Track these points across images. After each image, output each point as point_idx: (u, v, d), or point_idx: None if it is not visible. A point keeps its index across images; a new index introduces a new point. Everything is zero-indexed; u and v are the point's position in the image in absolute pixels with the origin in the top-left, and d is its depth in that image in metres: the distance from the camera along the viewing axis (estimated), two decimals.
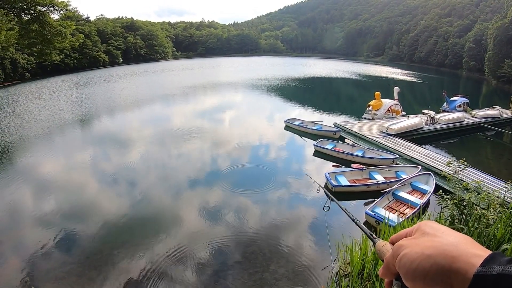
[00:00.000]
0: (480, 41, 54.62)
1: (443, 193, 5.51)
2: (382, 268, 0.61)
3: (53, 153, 14.77)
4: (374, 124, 16.71)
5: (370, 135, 14.75)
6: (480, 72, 52.43)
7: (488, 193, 5.29)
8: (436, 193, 6.28)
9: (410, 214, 7.77)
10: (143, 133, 17.73)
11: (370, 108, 19.08)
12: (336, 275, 6.00)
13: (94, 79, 47.00)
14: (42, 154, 14.57)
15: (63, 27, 21.05)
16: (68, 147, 15.65)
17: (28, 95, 33.45)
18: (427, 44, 75.65)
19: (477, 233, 4.63)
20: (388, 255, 0.59)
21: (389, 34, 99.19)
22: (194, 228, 7.98)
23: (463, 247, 0.49)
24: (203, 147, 14.81)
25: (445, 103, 21.98)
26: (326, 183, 10.11)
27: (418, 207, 8.13)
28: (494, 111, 19.53)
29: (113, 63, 72.98)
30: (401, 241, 0.57)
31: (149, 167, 12.36)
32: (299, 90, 37.05)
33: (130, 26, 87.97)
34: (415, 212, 7.92)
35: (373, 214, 7.84)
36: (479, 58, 53.92)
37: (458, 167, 6.19)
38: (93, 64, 66.33)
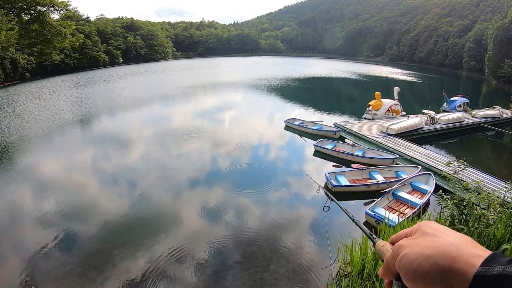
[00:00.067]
0: (480, 41, 54.62)
1: (443, 193, 5.51)
2: (382, 268, 0.61)
3: (53, 153, 14.77)
4: (374, 124, 16.71)
5: (370, 135, 14.75)
6: (480, 72, 52.43)
7: (488, 193, 5.29)
8: (436, 193, 6.27)
9: (410, 214, 7.77)
10: (143, 133, 17.73)
11: (370, 108, 19.08)
12: (336, 275, 6.00)
13: (94, 79, 47.01)
14: (42, 154, 14.58)
15: (63, 27, 21.06)
16: (68, 147, 15.66)
17: (28, 95, 33.46)
18: (427, 44, 75.65)
19: (477, 233, 4.63)
20: (388, 255, 0.59)
21: (389, 34, 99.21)
22: (194, 228, 7.98)
23: (463, 247, 0.49)
24: (203, 147, 14.81)
25: (445, 103, 21.98)
26: (326, 183, 10.11)
27: (418, 207, 8.13)
28: (494, 111, 19.53)
29: (113, 63, 73.02)
30: (401, 241, 0.57)
31: (149, 167, 12.36)
32: (299, 90, 37.04)
33: (130, 26, 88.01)
34: (415, 212, 7.93)
35: (373, 214, 7.84)
36: (479, 58, 53.93)
37: (458, 167, 6.19)
38: (93, 64, 66.37)
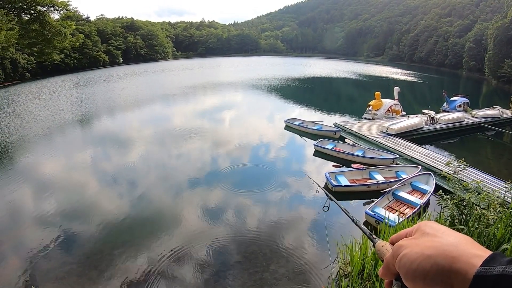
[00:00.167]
0: (480, 41, 54.62)
1: (443, 193, 5.51)
2: (382, 268, 0.61)
3: (53, 153, 14.77)
4: (374, 124, 16.71)
5: (370, 135, 14.75)
6: (480, 72, 52.43)
7: (488, 193, 5.28)
8: (436, 193, 6.27)
9: (410, 214, 7.77)
10: (143, 133, 17.73)
11: (370, 108, 19.08)
12: (336, 275, 6.00)
13: (94, 79, 47.00)
14: (42, 154, 14.58)
15: (63, 27, 21.07)
16: (68, 147, 15.66)
17: (28, 95, 33.46)
18: (427, 44, 75.65)
19: (477, 233, 4.62)
20: (388, 255, 0.59)
21: (389, 34, 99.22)
22: (194, 228, 7.98)
23: (463, 248, 0.49)
24: (203, 147, 14.81)
25: (445, 103, 21.98)
26: (326, 183, 10.11)
27: (418, 207, 8.13)
28: (494, 111, 19.52)
29: (113, 63, 73.01)
30: (401, 241, 0.57)
31: (149, 167, 12.36)
32: (299, 90, 37.03)
33: (130, 26, 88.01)
34: (415, 212, 7.92)
35: (373, 214, 7.84)
36: (479, 58, 53.92)
37: (458, 167, 6.19)
38: (93, 64, 66.37)
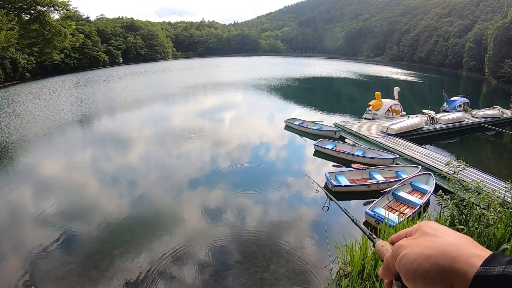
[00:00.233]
0: (480, 41, 54.61)
1: (443, 193, 5.51)
2: (382, 268, 0.61)
3: (53, 153, 14.77)
4: (374, 124, 16.71)
5: (370, 135, 14.75)
6: (480, 72, 52.42)
7: (488, 193, 5.28)
8: (436, 193, 6.27)
9: (410, 214, 7.77)
10: (143, 133, 17.73)
11: (370, 108, 19.07)
12: (336, 275, 6.00)
13: (94, 79, 47.00)
14: (42, 154, 14.57)
15: (63, 27, 21.08)
16: (68, 147, 15.65)
17: (28, 95, 33.46)
18: (427, 44, 75.64)
19: (477, 233, 4.62)
20: (388, 255, 0.59)
21: (389, 34, 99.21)
22: (194, 228, 7.98)
23: (463, 248, 0.49)
24: (203, 147, 14.81)
25: (445, 103, 21.98)
26: (326, 183, 10.11)
27: (418, 207, 8.13)
28: (494, 111, 19.52)
29: (113, 63, 73.00)
30: (401, 241, 0.57)
31: (149, 167, 12.37)
32: (299, 90, 37.03)
33: (130, 26, 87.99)
34: (415, 212, 7.92)
35: (373, 214, 7.84)
36: (479, 58, 53.92)
37: (458, 167, 6.18)
38: (93, 64, 66.35)
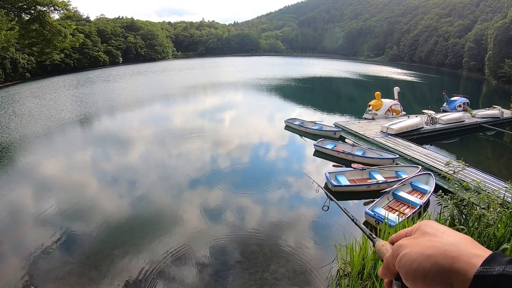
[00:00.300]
0: (480, 41, 54.60)
1: (443, 193, 5.51)
2: (382, 268, 0.61)
3: (53, 153, 14.77)
4: (374, 124, 16.71)
5: (370, 135, 14.75)
6: (480, 72, 52.41)
7: (488, 193, 5.28)
8: (436, 193, 6.27)
9: (410, 214, 7.77)
10: (144, 133, 17.72)
11: (370, 108, 19.07)
12: (336, 275, 6.00)
13: (94, 79, 47.00)
14: (42, 154, 14.57)
15: (63, 27, 21.07)
16: (68, 147, 15.65)
17: (28, 95, 33.45)
18: (427, 44, 75.64)
19: (477, 233, 4.62)
20: (388, 255, 0.59)
21: (389, 34, 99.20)
22: (194, 228, 7.98)
23: (463, 247, 0.49)
24: (204, 147, 14.81)
25: (445, 103, 21.97)
26: (326, 183, 10.11)
27: (418, 207, 8.13)
28: (494, 111, 19.51)
29: (113, 63, 72.99)
30: (401, 241, 0.57)
31: (150, 167, 12.36)
32: (299, 90, 37.03)
33: (130, 26, 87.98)
34: (415, 212, 7.92)
35: (373, 214, 7.83)
36: (479, 58, 53.90)
37: (458, 167, 6.18)
38: (93, 64, 66.34)
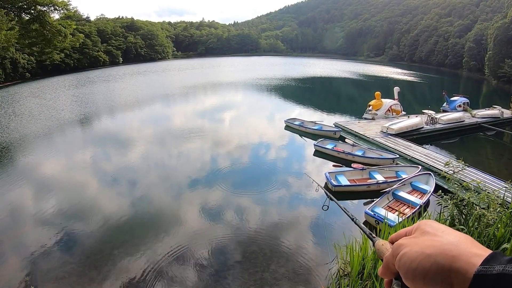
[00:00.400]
0: (481, 41, 54.59)
1: (443, 193, 5.51)
2: (382, 268, 0.61)
3: (54, 153, 14.76)
4: (374, 124, 16.71)
5: (370, 135, 14.75)
6: (480, 72, 52.41)
7: (488, 193, 5.28)
8: (436, 193, 6.27)
9: (410, 214, 7.76)
10: (144, 133, 17.72)
11: (370, 108, 19.07)
12: (336, 275, 6.00)
13: (94, 79, 46.99)
14: (42, 154, 14.57)
15: (64, 27, 21.06)
16: (69, 147, 15.65)
17: (28, 95, 33.45)
18: (427, 44, 75.63)
19: (477, 233, 4.62)
20: (388, 254, 0.59)
21: (390, 34, 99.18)
22: (194, 228, 7.98)
23: (463, 247, 0.49)
24: (204, 147, 14.81)
25: (445, 103, 21.97)
26: (326, 183, 10.11)
27: (418, 207, 8.13)
28: (494, 111, 19.51)
29: (113, 63, 73.00)
30: (401, 240, 0.57)
31: (150, 167, 12.36)
32: (299, 90, 37.02)
33: (130, 26, 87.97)
34: (415, 212, 7.92)
35: (373, 214, 7.83)
36: (479, 58, 53.90)
37: (457, 167, 6.17)
38: (93, 64, 66.35)
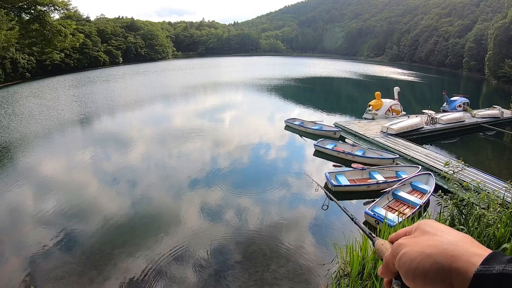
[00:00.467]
0: (481, 41, 54.58)
1: (443, 193, 5.51)
2: (382, 267, 0.61)
3: (54, 153, 14.76)
4: (375, 124, 16.71)
5: (371, 135, 14.75)
6: (481, 72, 52.39)
7: (488, 193, 5.28)
8: (436, 193, 6.27)
9: (410, 214, 7.76)
10: (144, 133, 17.72)
11: (371, 108, 19.06)
12: (336, 275, 6.00)
13: (94, 79, 46.99)
14: (43, 154, 14.57)
15: (64, 27, 21.07)
16: (69, 147, 15.65)
17: (28, 95, 33.44)
18: (428, 44, 75.58)
19: (477, 233, 4.62)
20: (388, 254, 0.59)
21: (390, 34, 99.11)
22: (195, 228, 7.98)
23: (463, 246, 0.49)
24: (204, 147, 14.81)
25: (445, 103, 21.95)
26: (326, 183, 10.11)
27: (418, 207, 8.12)
28: (494, 111, 19.51)
29: (113, 63, 72.97)
30: (401, 240, 0.56)
31: (150, 167, 12.36)
32: (299, 90, 37.03)
33: (131, 26, 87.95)
34: (415, 212, 7.91)
35: (373, 214, 7.83)
36: (480, 58, 53.89)
37: (457, 167, 6.17)
38: (93, 64, 66.34)
